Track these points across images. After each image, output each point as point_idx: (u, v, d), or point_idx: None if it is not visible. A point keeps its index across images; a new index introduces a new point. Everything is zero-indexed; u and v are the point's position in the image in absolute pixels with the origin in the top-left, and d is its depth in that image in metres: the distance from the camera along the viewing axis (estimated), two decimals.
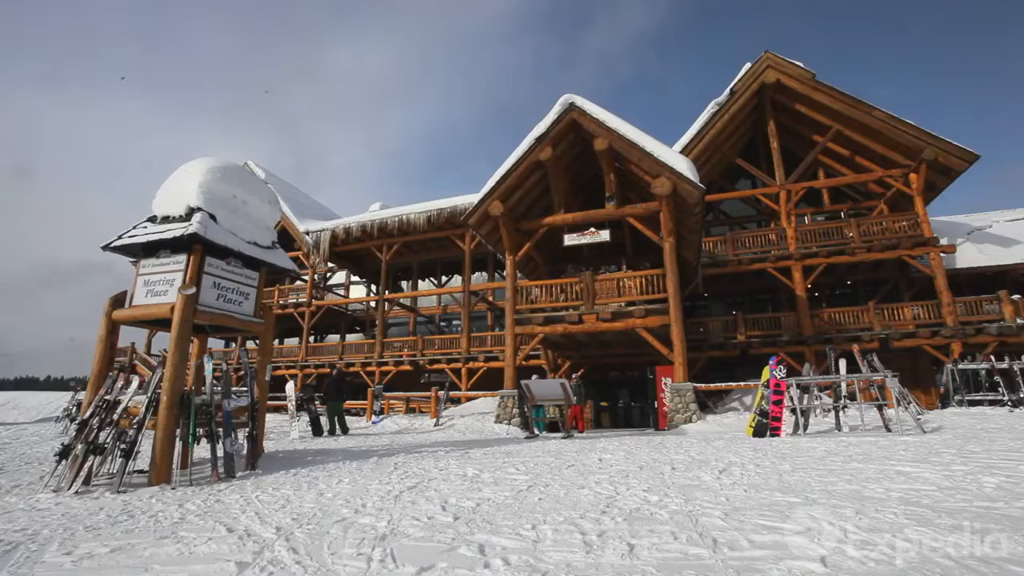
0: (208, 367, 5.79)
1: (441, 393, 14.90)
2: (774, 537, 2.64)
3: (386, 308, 24.01)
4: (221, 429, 5.50)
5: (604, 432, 12.94)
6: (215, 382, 5.75)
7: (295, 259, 24.76)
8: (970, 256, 17.92)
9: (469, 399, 16.67)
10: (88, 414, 5.22)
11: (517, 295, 14.14)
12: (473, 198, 15.28)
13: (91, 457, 4.87)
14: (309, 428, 11.94)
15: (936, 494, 3.52)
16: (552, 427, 12.93)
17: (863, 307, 16.91)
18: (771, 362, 9.07)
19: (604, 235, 13.82)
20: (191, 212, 5.83)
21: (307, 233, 24.11)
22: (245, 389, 6.35)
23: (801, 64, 18.06)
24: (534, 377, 11.99)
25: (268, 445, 8.37)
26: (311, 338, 25.71)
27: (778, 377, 8.67)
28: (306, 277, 25.40)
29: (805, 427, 8.48)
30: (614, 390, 19.13)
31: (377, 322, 23.36)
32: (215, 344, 28.97)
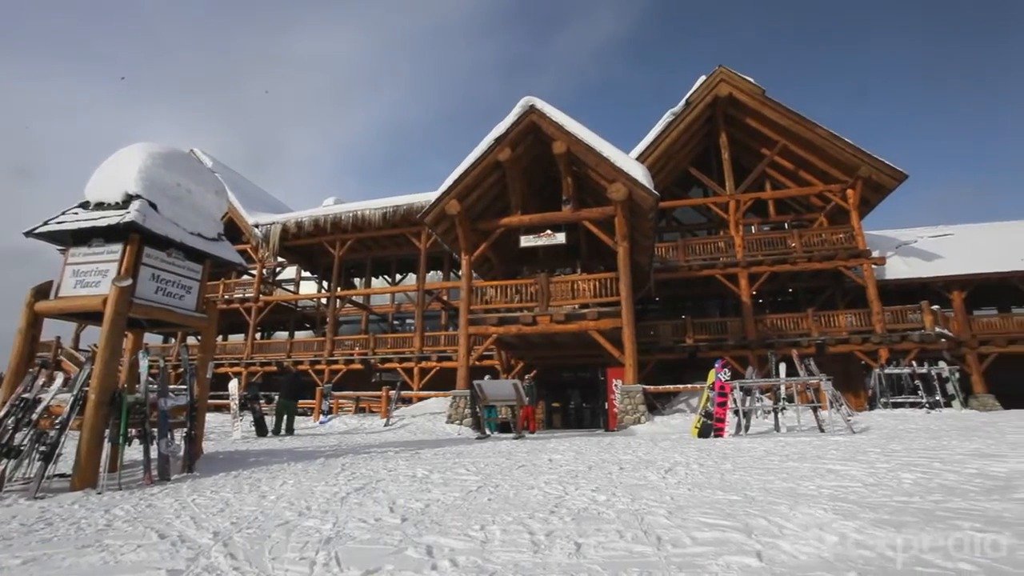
0: (143, 363, 5.47)
1: (392, 393, 14.67)
2: (715, 534, 2.71)
3: (338, 305, 23.43)
4: (156, 429, 5.20)
5: (555, 433, 13.06)
6: (151, 380, 5.44)
7: (243, 252, 23.82)
8: (897, 268, 19.14)
9: (421, 399, 16.46)
10: (2, 414, 4.82)
11: (472, 295, 14.09)
12: (430, 196, 15.13)
13: (3, 460, 4.51)
14: (253, 428, 11.49)
15: (862, 490, 3.72)
16: (504, 427, 12.94)
17: (803, 314, 17.78)
18: (717, 365, 9.39)
19: (560, 237, 13.96)
20: (129, 199, 5.49)
21: (257, 226, 23.24)
22: (184, 387, 6.05)
23: (752, 80, 18.84)
24: (487, 377, 11.98)
25: (208, 446, 8.00)
26: (258, 335, 24.79)
27: (723, 380, 8.98)
28: (254, 271, 24.46)
29: (747, 428, 8.83)
30: (566, 391, 19.35)
31: (328, 319, 22.77)
32: (153, 339, 27.47)
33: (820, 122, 17.86)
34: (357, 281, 28.33)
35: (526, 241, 14.20)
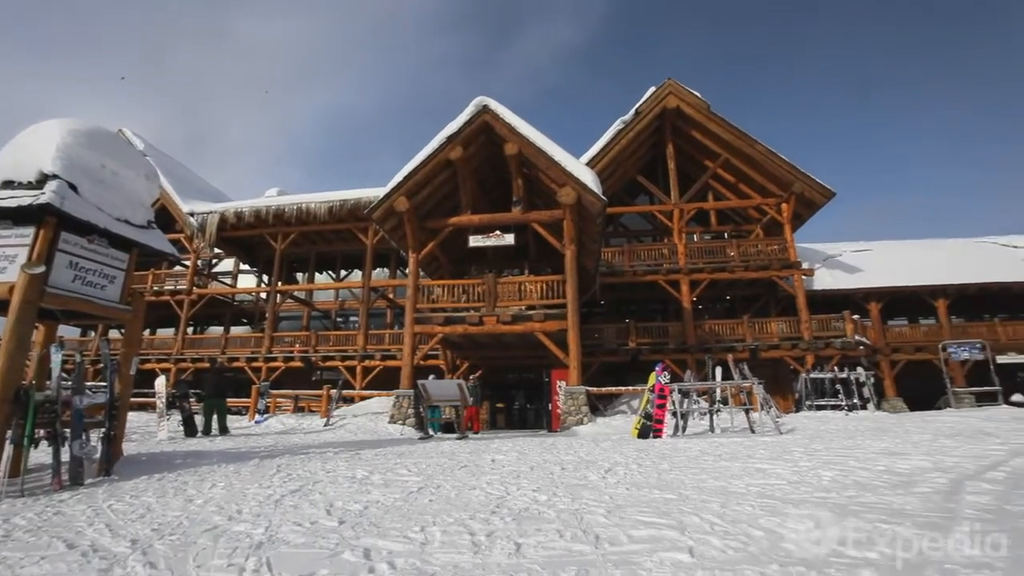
0: (56, 358, 5.06)
1: (333, 392, 14.26)
2: (651, 532, 2.80)
3: (278, 300, 22.55)
4: (68, 430, 4.82)
5: (499, 433, 13.09)
6: (64, 376, 5.04)
7: (176, 242, 22.52)
8: (824, 280, 20.40)
9: (363, 398, 16.10)
10: None
11: (419, 294, 13.92)
12: (379, 192, 14.84)
13: None
14: (181, 428, 10.87)
15: (786, 487, 3.94)
16: (447, 428, 12.84)
17: (738, 320, 18.66)
18: (657, 368, 9.69)
19: (509, 239, 14.02)
20: (44, 179, 5.06)
21: (192, 214, 22.02)
22: (104, 384, 5.64)
23: (699, 94, 19.59)
24: (431, 377, 11.86)
25: (130, 447, 7.51)
26: (190, 329, 23.53)
27: (662, 383, 9.27)
28: (187, 262, 23.18)
29: (684, 429, 9.15)
30: (511, 392, 19.45)
31: (267, 315, 21.89)
32: (70, 332, 25.49)
33: (760, 138, 18.81)
34: (300, 276, 27.40)
35: (475, 241, 14.17)
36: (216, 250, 24.10)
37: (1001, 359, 18.00)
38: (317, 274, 26.51)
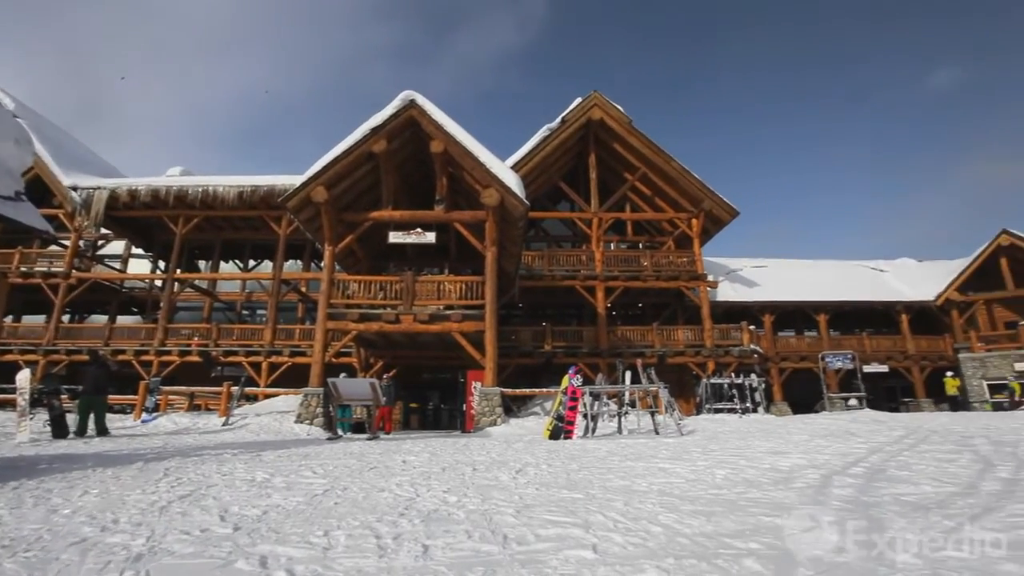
0: None
1: (235, 389, 13.36)
2: (557, 530, 2.86)
3: (176, 289, 20.77)
4: None
5: (412, 434, 12.88)
6: None
7: (53, 218, 20.12)
8: (726, 292, 22.00)
9: (268, 397, 15.22)
10: None
11: (333, 288, 13.39)
12: (295, 180, 14.13)
13: None
14: (49, 428, 9.68)
15: (684, 485, 4.18)
16: (358, 428, 12.47)
17: (648, 327, 19.65)
18: (570, 371, 9.97)
19: (430, 237, 13.86)
20: None
21: (75, 189, 19.75)
22: None
23: (621, 109, 20.45)
24: (343, 376, 11.45)
25: None
26: (66, 317, 21.09)
27: (575, 385, 9.55)
28: (67, 242, 20.76)
29: (594, 431, 9.48)
30: (425, 392, 19.22)
31: (162, 304, 20.11)
32: None
33: (678, 156, 20.06)
34: (203, 264, 25.43)
35: (395, 237, 13.87)
36: (104, 230, 21.75)
37: (867, 368, 20.31)
38: (223, 263, 24.71)
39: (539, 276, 19.76)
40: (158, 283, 22.53)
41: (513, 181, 13.00)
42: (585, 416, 9.52)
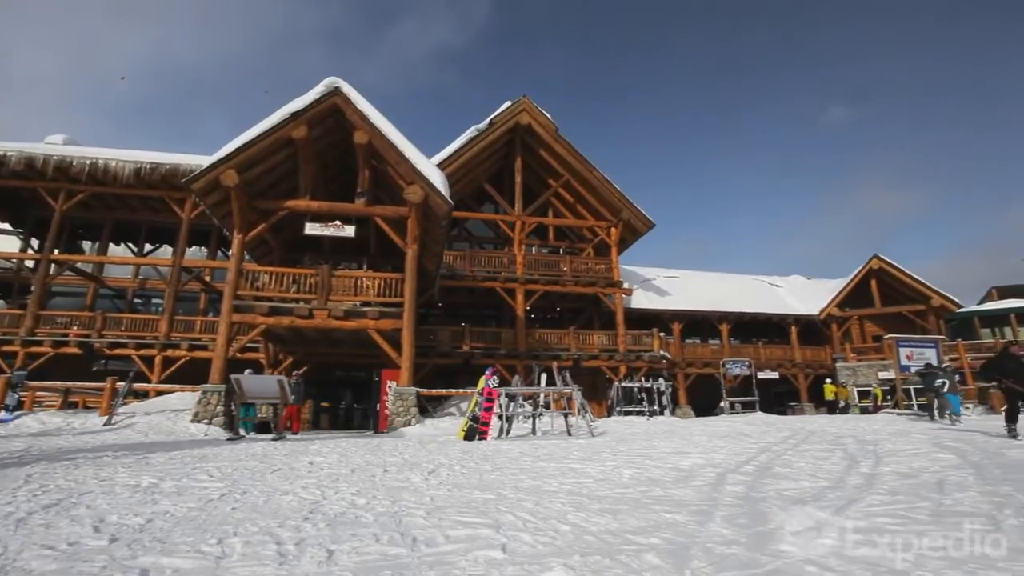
0: None
1: (121, 385, 12.13)
2: (468, 531, 2.84)
3: (52, 271, 18.56)
4: None
5: (321, 434, 12.35)
6: None
7: None
8: (640, 300, 23.07)
9: (161, 393, 13.97)
10: None
11: (241, 279, 12.56)
12: (204, 160, 13.11)
13: None
14: None
15: (592, 485, 4.32)
16: (262, 428, 11.78)
17: (565, 331, 20.16)
18: (487, 372, 10.01)
19: (349, 230, 13.39)
20: None
21: None
22: None
23: (549, 116, 20.84)
24: (248, 372, 10.78)
25: None
26: None
27: (491, 386, 9.60)
28: None
29: (508, 432, 9.56)
30: (338, 391, 18.54)
31: (34, 287, 17.89)
32: None
33: (599, 166, 20.79)
34: (88, 245, 22.93)
35: (312, 229, 13.26)
36: None
37: (761, 375, 22.08)
38: (113, 245, 22.40)
39: (460, 276, 19.67)
40: (29, 264, 20.04)
41: (438, 179, 12.85)
42: (500, 417, 9.58)
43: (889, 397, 20.57)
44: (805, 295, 26.82)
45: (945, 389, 11.86)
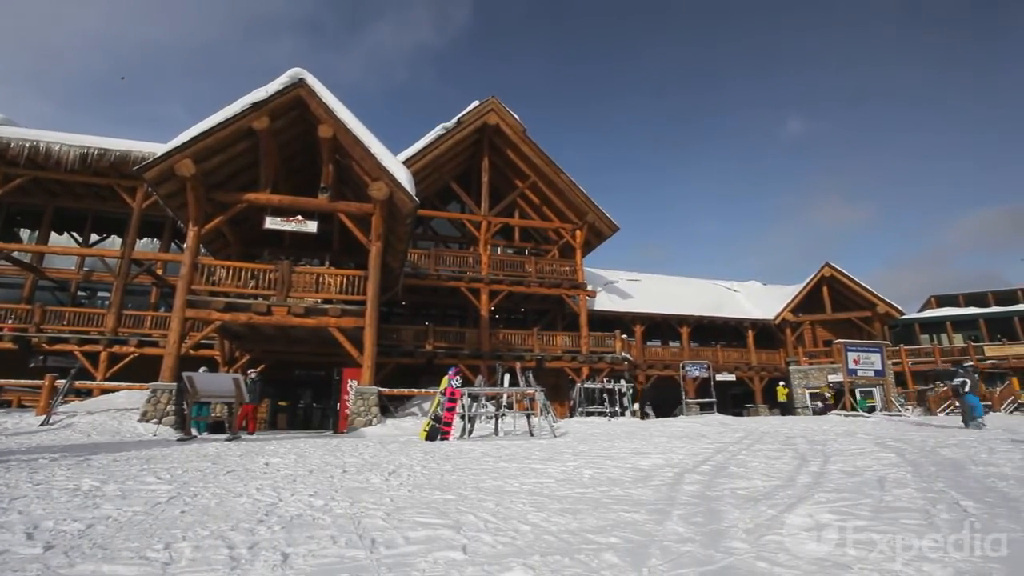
0: None
1: (61, 382, 11.49)
2: (428, 532, 2.82)
3: None
4: None
5: (279, 434, 12.02)
6: None
7: None
8: (603, 302, 23.39)
9: (106, 392, 13.30)
10: None
11: (196, 273, 12.10)
12: (157, 148, 12.57)
13: None
14: None
15: (553, 485, 4.35)
16: (216, 428, 11.38)
17: (529, 332, 20.24)
18: (450, 372, 9.96)
19: (311, 226, 13.08)
20: None
21: None
22: None
23: (517, 117, 20.87)
24: (202, 370, 10.39)
25: None
26: None
27: (454, 386, 9.55)
28: None
29: (470, 432, 9.53)
30: (296, 390, 18.12)
31: None
32: None
33: (565, 169, 20.88)
34: (26, 234, 21.65)
35: (272, 223, 12.89)
36: None
37: (719, 377, 22.71)
38: (55, 234, 21.24)
39: (424, 275, 19.50)
40: None
41: (404, 176, 12.69)
42: (463, 417, 9.54)
43: (827, 400, 21.74)
44: (761, 300, 27.75)
45: (966, 389, 10.50)
